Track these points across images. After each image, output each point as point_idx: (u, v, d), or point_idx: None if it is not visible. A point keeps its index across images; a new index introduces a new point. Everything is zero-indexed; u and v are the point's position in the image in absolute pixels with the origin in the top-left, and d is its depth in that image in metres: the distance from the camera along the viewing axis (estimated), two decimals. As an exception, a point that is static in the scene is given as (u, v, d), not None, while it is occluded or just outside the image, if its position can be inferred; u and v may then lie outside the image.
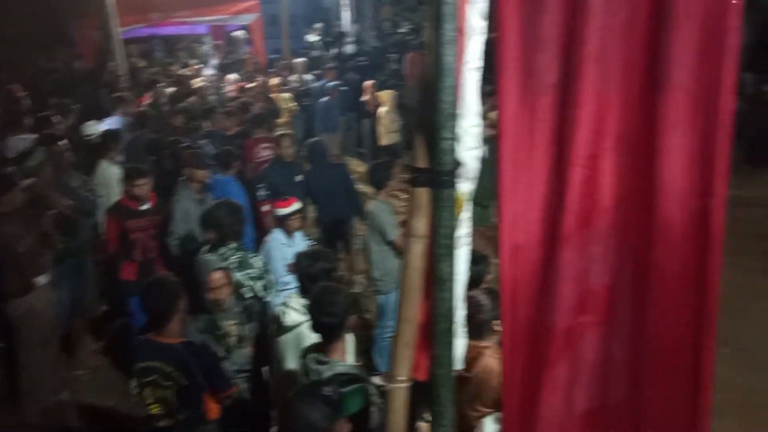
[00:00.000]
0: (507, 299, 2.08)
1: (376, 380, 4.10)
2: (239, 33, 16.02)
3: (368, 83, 11.13)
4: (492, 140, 2.11)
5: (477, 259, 3.25)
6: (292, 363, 3.85)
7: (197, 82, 11.85)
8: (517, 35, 1.96)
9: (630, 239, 2.01)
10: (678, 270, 1.94)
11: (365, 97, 11.03)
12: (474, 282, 3.40)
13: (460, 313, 2.26)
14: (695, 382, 1.98)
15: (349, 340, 3.65)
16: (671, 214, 1.92)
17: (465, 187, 2.22)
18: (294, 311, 4.00)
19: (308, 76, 12.90)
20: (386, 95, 10.77)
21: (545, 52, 1.96)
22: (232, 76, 12.10)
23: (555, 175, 2.01)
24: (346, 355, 3.49)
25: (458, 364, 2.27)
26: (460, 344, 2.29)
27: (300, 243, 5.41)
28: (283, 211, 5.49)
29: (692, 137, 1.90)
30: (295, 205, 5.52)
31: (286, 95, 11.50)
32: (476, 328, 3.33)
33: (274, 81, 11.96)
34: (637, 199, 1.97)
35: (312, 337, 3.49)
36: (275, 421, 4.51)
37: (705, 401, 1.99)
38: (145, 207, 5.92)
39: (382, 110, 10.59)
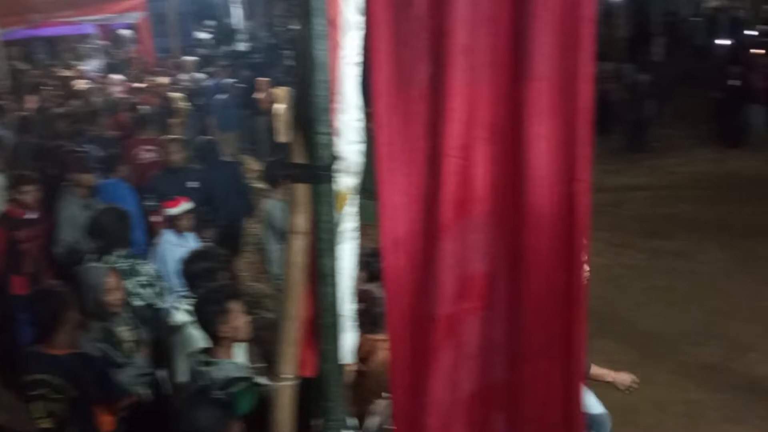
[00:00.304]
0: (390, 290, 2.12)
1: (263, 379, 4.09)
2: (125, 32, 15.49)
3: (262, 80, 11.00)
4: None
5: (376, 254, 3.29)
6: (181, 365, 3.79)
7: (81, 84, 11.39)
8: (387, 29, 2.00)
9: (504, 225, 2.08)
10: (548, 252, 2.03)
11: (259, 95, 10.90)
12: (374, 276, 3.44)
13: (348, 307, 2.28)
14: (568, 357, 2.08)
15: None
16: (540, 200, 2.01)
17: (347, 181, 2.23)
18: (181, 312, 3.94)
19: (200, 75, 12.65)
20: (282, 92, 10.68)
21: (415, 46, 2.01)
22: (118, 77, 11.70)
23: (431, 166, 2.06)
24: (236, 354, 3.45)
25: (347, 358, 2.29)
26: (349, 338, 2.31)
27: (192, 243, 5.30)
28: (173, 211, 5.38)
29: (557, 125, 1.98)
30: (184, 205, 5.42)
31: (178, 95, 11.23)
32: (372, 322, 3.35)
33: (164, 80, 11.66)
34: (509, 186, 2.05)
35: (199, 338, 3.45)
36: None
37: (577, 375, 2.09)
38: (33, 215, 5.66)
39: (279, 107, 10.50)
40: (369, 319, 3.28)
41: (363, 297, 2.98)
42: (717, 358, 5.94)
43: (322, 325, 2.09)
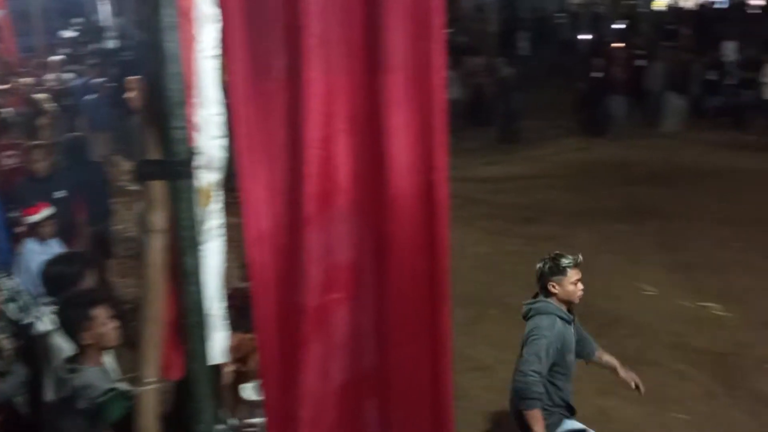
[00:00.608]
0: (257, 285, 2.10)
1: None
2: (-17, 30, 14.49)
3: (132, 79, 10.58)
4: None
5: None
6: (49, 375, 3.60)
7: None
8: (241, 21, 1.97)
9: (368, 215, 2.11)
10: (412, 240, 2.08)
11: (129, 94, 10.48)
12: None
13: (217, 305, 2.23)
14: (435, 342, 2.14)
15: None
16: (401, 190, 2.05)
17: (211, 177, 2.19)
18: (44, 321, 3.75)
19: (67, 75, 12.04)
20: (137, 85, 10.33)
21: (270, 38, 1.99)
22: (-27, 79, 10.93)
23: (292, 158, 2.05)
24: (107, 361, 3.32)
25: (219, 357, 2.24)
26: (219, 337, 2.26)
27: (56, 250, 5.04)
28: (34, 218, 5.11)
29: (413, 115, 2.03)
30: (45, 211, 5.16)
31: (44, 96, 10.62)
32: (250, 321, 3.31)
33: (28, 81, 11.00)
34: (371, 177, 2.07)
35: (65, 346, 3.29)
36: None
37: (445, 359, 2.14)
38: None
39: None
40: (247, 318, 3.23)
41: (238, 295, 2.93)
42: (592, 335, 6.25)
43: (187, 325, 2.03)
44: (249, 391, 2.70)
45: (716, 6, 20.27)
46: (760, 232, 8.38)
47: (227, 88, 2.02)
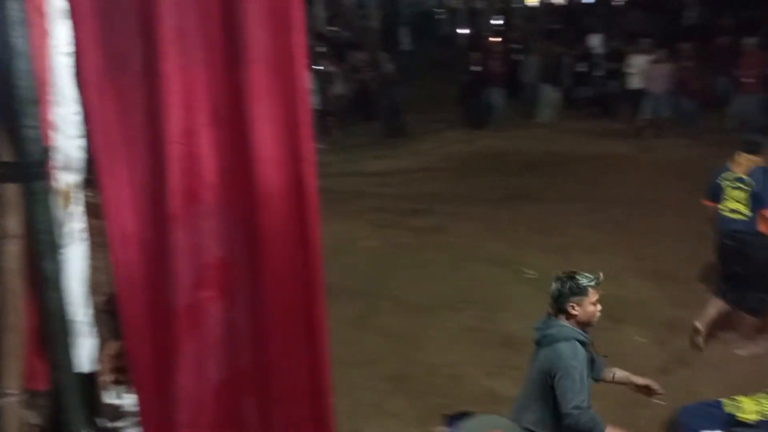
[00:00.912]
0: (123, 286, 2.03)
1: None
2: None
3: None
4: None
5: None
6: None
7: None
8: (92, 14, 1.90)
9: (237, 210, 2.08)
10: (283, 233, 2.07)
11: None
12: None
13: (83, 312, 2.14)
14: (312, 337, 2.14)
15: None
16: (270, 182, 2.03)
17: (70, 178, 2.10)
18: None
19: None
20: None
21: (125, 31, 1.93)
22: None
23: (154, 155, 2.00)
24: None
25: (86, 366, 2.16)
26: (87, 344, 2.18)
27: None
28: None
29: (277, 107, 2.01)
30: None
31: None
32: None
33: None
34: (238, 171, 2.05)
35: None
36: None
37: (322, 354, 2.15)
38: None
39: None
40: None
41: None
42: (475, 321, 6.45)
43: (49, 333, 1.94)
44: (112, 394, 2.60)
45: (584, 1, 21.33)
46: (629, 214, 8.92)
47: (81, 84, 1.94)
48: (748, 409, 3.35)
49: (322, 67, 13.60)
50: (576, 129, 13.54)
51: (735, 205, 5.37)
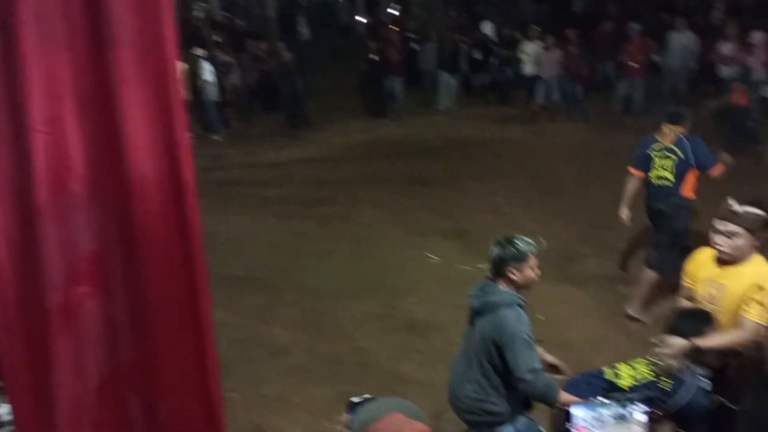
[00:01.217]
0: (-11, 285, 1.91)
1: None
2: None
3: None
4: None
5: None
6: None
7: None
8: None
9: (110, 201, 2.00)
10: (160, 221, 2.00)
11: None
12: None
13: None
14: (197, 325, 2.08)
15: None
16: (143, 171, 1.96)
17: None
18: None
19: None
20: None
21: (-24, 13, 1.80)
22: None
23: (17, 144, 1.88)
24: None
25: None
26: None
27: None
28: None
29: (148, 93, 1.94)
30: None
31: None
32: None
33: None
34: (109, 159, 1.96)
35: None
36: None
37: (208, 347, 2.09)
38: None
39: None
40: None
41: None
42: (380, 307, 6.48)
43: None
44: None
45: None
46: (525, 196, 9.20)
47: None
48: (624, 375, 3.48)
49: (218, 57, 13.28)
50: (474, 115, 13.83)
51: (662, 172, 5.74)
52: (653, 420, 2.56)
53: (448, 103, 14.42)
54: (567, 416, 2.24)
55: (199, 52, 11.85)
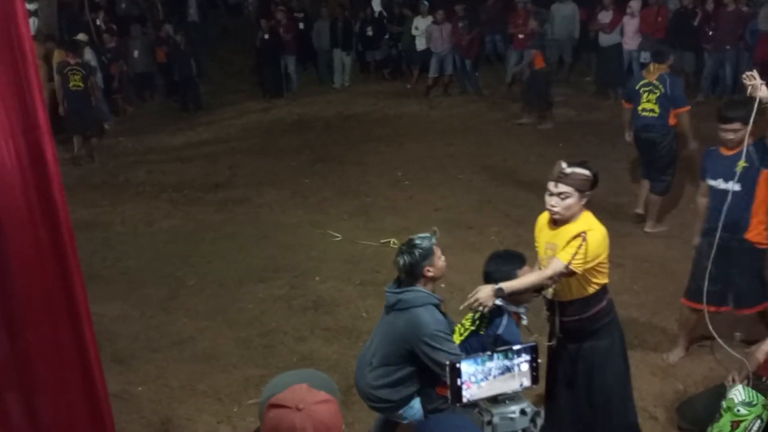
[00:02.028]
0: None
1: None
2: None
3: None
4: None
5: None
6: None
7: None
8: None
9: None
10: (22, 209, 1.90)
11: None
12: None
13: None
14: (74, 324, 2.00)
15: None
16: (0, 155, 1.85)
17: None
18: None
19: None
20: None
21: None
22: None
23: None
24: None
25: None
26: None
27: None
28: None
29: (1, 74, 1.83)
30: None
31: None
32: None
33: None
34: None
35: None
36: None
37: (87, 341, 2.02)
38: None
39: None
40: None
41: None
42: (284, 288, 6.46)
43: None
44: None
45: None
46: (424, 169, 9.34)
47: None
48: (456, 333, 3.61)
49: (104, 43, 12.71)
50: (370, 92, 13.89)
51: (649, 105, 6.65)
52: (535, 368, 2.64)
53: (343, 81, 14.40)
54: (458, 373, 2.31)
55: (81, 37, 11.28)
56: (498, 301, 3.34)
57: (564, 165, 3.38)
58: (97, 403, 2.02)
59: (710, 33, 11.11)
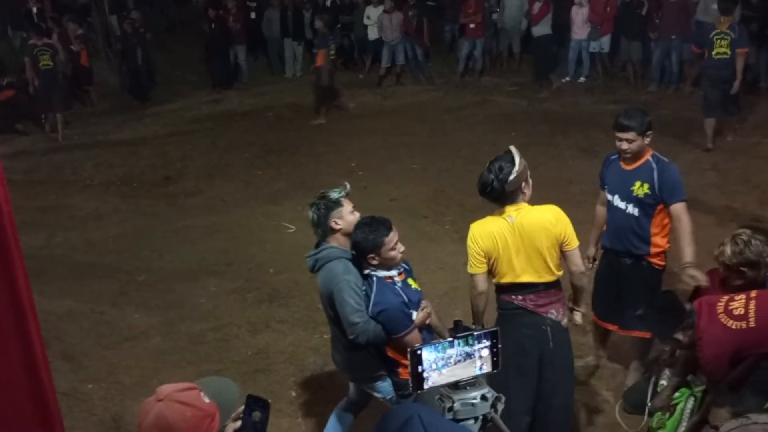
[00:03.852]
0: None
1: None
2: None
3: None
4: None
5: None
6: None
7: None
8: None
9: None
10: None
11: None
12: None
13: None
14: (17, 315, 1.92)
15: None
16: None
17: None
18: None
19: None
20: None
21: None
22: None
23: None
24: None
25: None
26: None
27: None
28: None
29: None
30: None
31: None
32: None
33: None
34: None
35: None
36: None
37: (33, 341, 1.94)
38: None
39: None
40: None
41: None
42: (238, 281, 6.37)
43: None
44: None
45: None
46: (378, 159, 9.32)
47: None
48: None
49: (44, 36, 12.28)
50: (323, 82, 13.75)
51: (721, 49, 8.33)
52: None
53: (295, 71, 14.26)
54: (419, 359, 2.30)
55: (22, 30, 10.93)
56: (366, 270, 3.36)
57: (514, 150, 3.37)
58: (45, 402, 1.94)
59: (657, 22, 11.29)
